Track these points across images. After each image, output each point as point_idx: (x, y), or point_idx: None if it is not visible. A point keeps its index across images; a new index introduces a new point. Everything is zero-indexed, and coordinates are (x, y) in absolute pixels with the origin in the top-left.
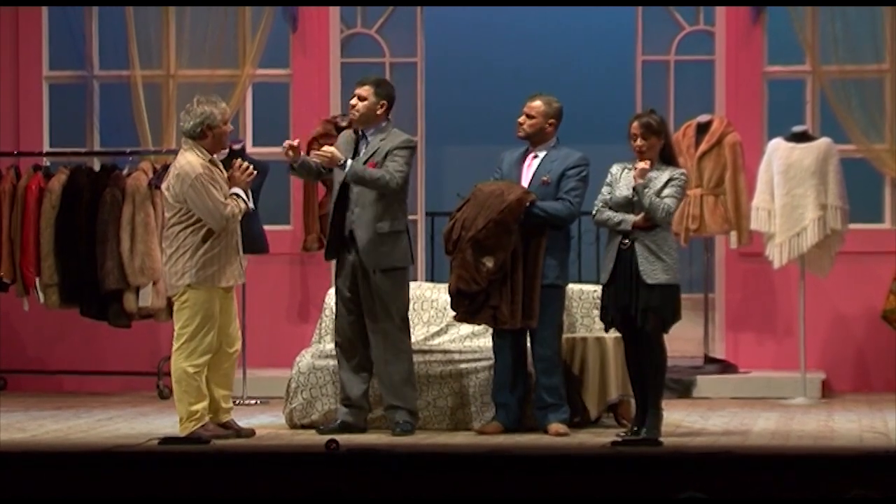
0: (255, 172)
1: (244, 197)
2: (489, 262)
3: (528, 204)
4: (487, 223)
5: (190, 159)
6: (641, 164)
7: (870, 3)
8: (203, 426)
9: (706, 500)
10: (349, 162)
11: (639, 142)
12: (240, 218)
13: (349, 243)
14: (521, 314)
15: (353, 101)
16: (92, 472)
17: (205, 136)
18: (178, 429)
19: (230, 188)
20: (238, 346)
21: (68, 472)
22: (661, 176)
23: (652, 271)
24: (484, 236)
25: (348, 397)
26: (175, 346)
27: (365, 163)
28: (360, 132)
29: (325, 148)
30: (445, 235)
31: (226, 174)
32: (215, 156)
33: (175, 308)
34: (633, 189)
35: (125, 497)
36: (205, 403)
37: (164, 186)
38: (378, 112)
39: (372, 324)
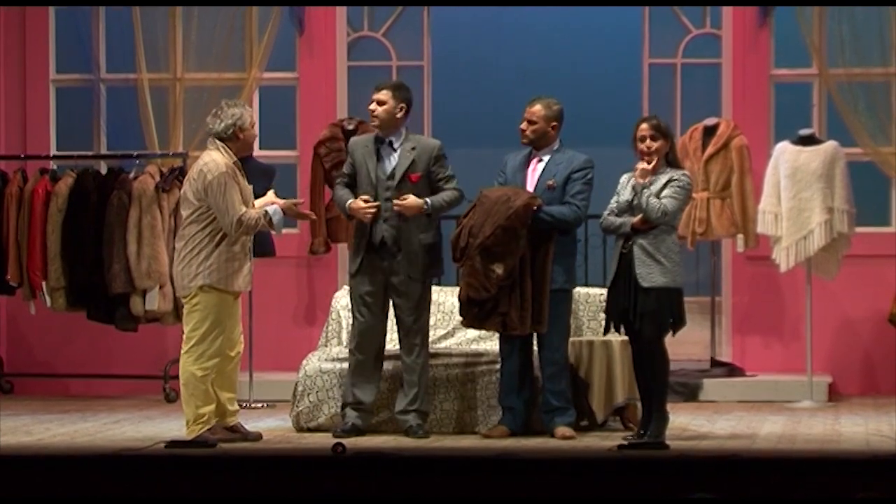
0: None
1: (275, 221)
2: (499, 269)
3: (534, 209)
4: (495, 229)
5: (215, 157)
6: (642, 165)
7: (877, 4)
8: (210, 429)
9: (715, 501)
10: (429, 202)
11: (647, 142)
12: (254, 231)
13: (381, 251)
14: (531, 320)
15: (372, 106)
16: (98, 475)
17: (236, 137)
18: (184, 432)
19: (274, 207)
20: (240, 349)
21: (75, 476)
22: (662, 178)
23: (648, 274)
24: (492, 243)
25: (360, 401)
26: (184, 348)
27: (404, 175)
28: (381, 138)
29: (411, 199)
30: (453, 242)
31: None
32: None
33: (185, 310)
34: (633, 188)
35: (131, 500)
36: (212, 407)
37: (185, 185)
38: (398, 116)
39: (406, 330)
